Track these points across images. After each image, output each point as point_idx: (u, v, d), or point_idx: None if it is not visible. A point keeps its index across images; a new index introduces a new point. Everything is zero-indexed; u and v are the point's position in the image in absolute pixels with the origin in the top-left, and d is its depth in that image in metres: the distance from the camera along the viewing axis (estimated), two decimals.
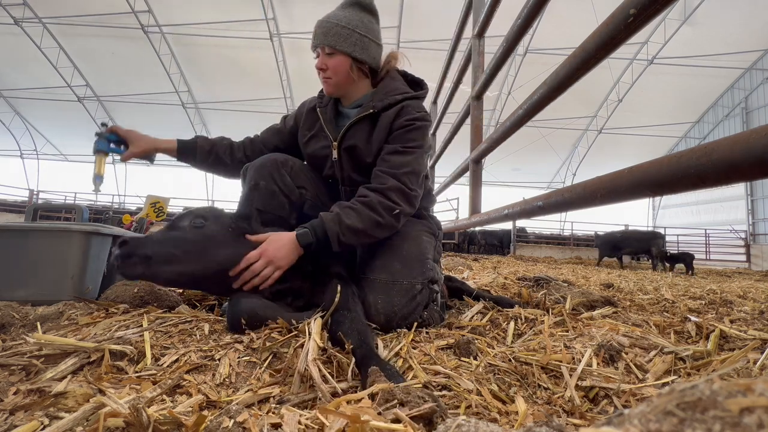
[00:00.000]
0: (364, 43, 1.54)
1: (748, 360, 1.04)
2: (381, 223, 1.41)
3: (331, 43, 1.50)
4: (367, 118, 1.55)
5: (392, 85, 1.60)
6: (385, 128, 1.53)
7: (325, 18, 1.53)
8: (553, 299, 1.84)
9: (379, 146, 1.54)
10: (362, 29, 1.53)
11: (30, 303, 1.26)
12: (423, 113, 1.56)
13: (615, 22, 0.82)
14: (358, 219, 1.37)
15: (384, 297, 1.34)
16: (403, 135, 1.51)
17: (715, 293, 2.77)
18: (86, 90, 19.69)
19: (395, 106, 1.54)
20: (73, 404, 0.69)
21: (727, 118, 18.84)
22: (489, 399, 0.83)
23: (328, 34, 1.50)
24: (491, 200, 19.74)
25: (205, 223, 1.28)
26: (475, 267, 5.33)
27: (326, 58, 1.53)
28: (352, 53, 1.52)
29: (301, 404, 0.77)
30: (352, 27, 1.51)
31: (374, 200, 1.40)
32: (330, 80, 1.56)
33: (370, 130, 1.56)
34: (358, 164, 1.60)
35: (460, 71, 2.79)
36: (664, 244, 10.86)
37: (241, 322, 1.08)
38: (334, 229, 1.34)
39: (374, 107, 1.53)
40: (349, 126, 1.56)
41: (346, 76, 1.56)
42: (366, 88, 1.64)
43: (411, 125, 1.51)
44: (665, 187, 0.67)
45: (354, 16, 1.53)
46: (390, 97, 1.55)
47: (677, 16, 15.09)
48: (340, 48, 1.51)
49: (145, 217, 1.98)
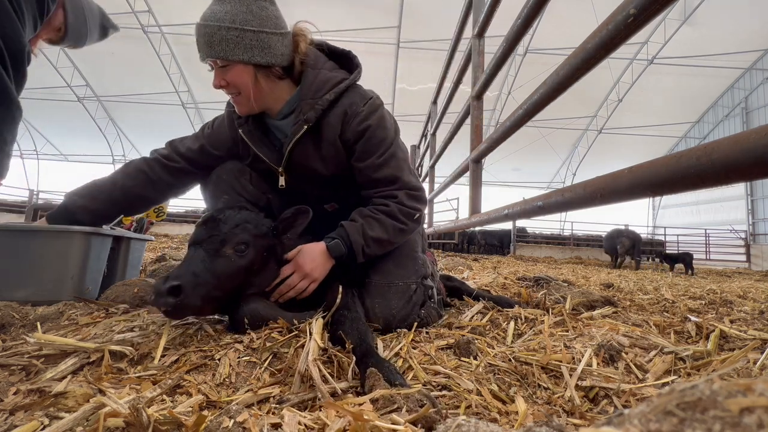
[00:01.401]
0: (262, 40, 1.21)
1: (748, 360, 1.04)
2: (404, 230, 1.38)
3: (220, 55, 1.18)
4: (306, 132, 1.31)
5: (317, 79, 1.30)
6: (333, 143, 1.32)
7: (203, 20, 1.18)
8: (553, 299, 1.84)
9: (336, 163, 1.36)
10: (254, 23, 1.19)
11: (30, 303, 1.27)
12: (369, 101, 1.32)
13: (615, 22, 0.82)
14: (383, 230, 1.31)
15: (381, 300, 1.33)
16: (368, 146, 1.31)
17: (715, 293, 2.77)
18: (86, 90, 19.69)
19: (333, 111, 1.30)
20: (73, 404, 0.69)
21: (727, 118, 18.84)
22: (489, 399, 0.83)
23: (212, 42, 1.17)
24: (491, 200, 19.78)
25: (246, 250, 1.15)
26: (475, 267, 5.32)
27: (222, 73, 1.23)
28: (250, 60, 1.20)
29: (301, 404, 0.77)
30: (240, 25, 1.17)
31: (394, 209, 1.34)
32: (239, 98, 1.28)
33: (316, 144, 1.34)
34: (316, 186, 1.45)
35: (460, 71, 2.79)
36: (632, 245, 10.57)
37: (243, 321, 1.08)
38: (359, 242, 1.28)
39: (307, 120, 1.28)
40: (291, 149, 1.34)
41: (257, 90, 1.26)
42: (287, 90, 1.34)
43: (367, 129, 1.30)
44: (665, 187, 0.67)
45: (238, 7, 1.18)
46: (320, 99, 1.28)
47: (677, 16, 15.09)
48: (234, 58, 1.19)
49: (145, 217, 1.98)
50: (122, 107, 20.83)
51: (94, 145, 23.09)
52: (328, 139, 1.32)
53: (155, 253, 3.60)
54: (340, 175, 1.41)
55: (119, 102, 20.42)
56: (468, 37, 2.47)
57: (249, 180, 1.45)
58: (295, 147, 1.34)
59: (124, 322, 1.12)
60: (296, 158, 1.37)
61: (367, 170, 1.34)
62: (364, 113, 1.30)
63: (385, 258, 1.42)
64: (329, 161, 1.36)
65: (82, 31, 1.51)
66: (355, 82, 1.36)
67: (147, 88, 19.24)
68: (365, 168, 1.34)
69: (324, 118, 1.31)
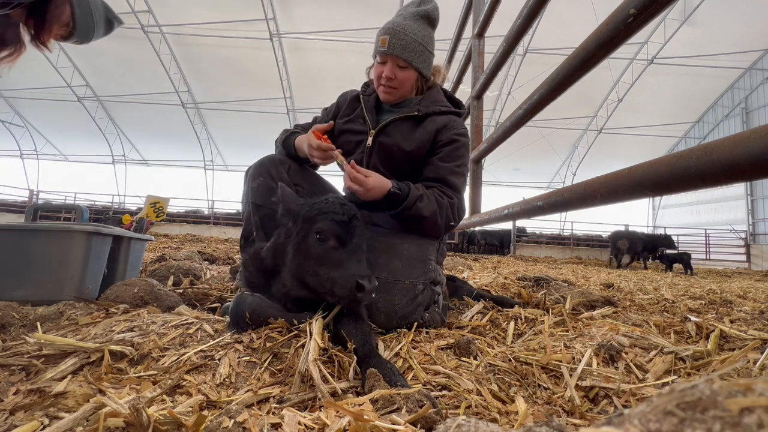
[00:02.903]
0: (430, 60, 1.64)
1: (748, 360, 1.04)
2: (436, 225, 1.53)
3: (408, 58, 1.55)
4: (410, 118, 1.62)
5: (437, 97, 1.69)
6: (430, 133, 1.60)
7: (401, 29, 1.56)
8: (553, 299, 1.84)
9: (418, 145, 1.61)
10: (430, 46, 1.62)
11: (30, 303, 1.26)
12: (465, 131, 1.68)
13: (615, 22, 0.82)
14: (428, 209, 1.50)
15: (384, 296, 1.34)
16: (453, 152, 1.60)
17: (715, 293, 2.77)
18: (86, 90, 19.69)
19: (441, 116, 1.63)
20: (73, 404, 0.69)
21: (727, 118, 18.83)
22: (489, 399, 0.83)
23: (407, 48, 1.55)
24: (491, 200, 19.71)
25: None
26: (475, 267, 5.32)
27: (397, 70, 1.58)
28: (422, 70, 1.61)
29: (301, 404, 0.77)
30: (425, 44, 1.59)
31: (445, 204, 1.54)
32: (394, 90, 1.62)
33: (412, 128, 1.63)
34: (388, 157, 1.65)
35: (460, 71, 2.79)
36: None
37: (245, 316, 1.09)
38: (415, 195, 1.48)
39: (419, 111, 1.61)
40: (391, 121, 1.64)
41: (410, 89, 1.66)
42: (413, 94, 1.72)
43: (458, 142, 1.60)
44: (665, 187, 0.67)
45: (425, 31, 1.60)
46: (435, 106, 1.64)
47: (677, 16, 15.08)
48: (415, 64, 1.57)
49: (145, 217, 1.98)
50: (122, 107, 20.83)
51: (94, 145, 23.08)
52: (426, 128, 1.61)
53: (155, 253, 3.60)
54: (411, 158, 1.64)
55: (119, 102, 20.41)
56: (468, 37, 2.47)
57: (286, 170, 1.64)
58: (396, 121, 1.64)
59: (124, 322, 1.12)
60: (389, 131, 1.65)
61: (443, 169, 1.59)
62: (460, 131, 1.63)
63: (395, 258, 1.47)
64: (414, 143, 1.62)
65: (90, 25, 1.52)
66: (459, 115, 1.72)
67: (147, 88, 19.24)
68: (442, 167, 1.59)
69: (430, 117, 1.63)
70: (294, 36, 16.27)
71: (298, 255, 1.19)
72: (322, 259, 1.14)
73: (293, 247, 1.21)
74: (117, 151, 23.76)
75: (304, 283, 1.18)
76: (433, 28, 1.66)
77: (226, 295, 1.70)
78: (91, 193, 21.34)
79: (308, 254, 1.17)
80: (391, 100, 1.68)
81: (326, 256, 1.14)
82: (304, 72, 18.01)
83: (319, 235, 1.16)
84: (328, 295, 1.13)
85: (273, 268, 1.28)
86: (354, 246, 1.17)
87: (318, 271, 1.14)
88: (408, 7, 1.66)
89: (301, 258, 1.18)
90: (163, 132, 22.25)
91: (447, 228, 1.58)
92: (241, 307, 1.12)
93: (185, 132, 21.10)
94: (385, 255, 1.48)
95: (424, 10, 1.62)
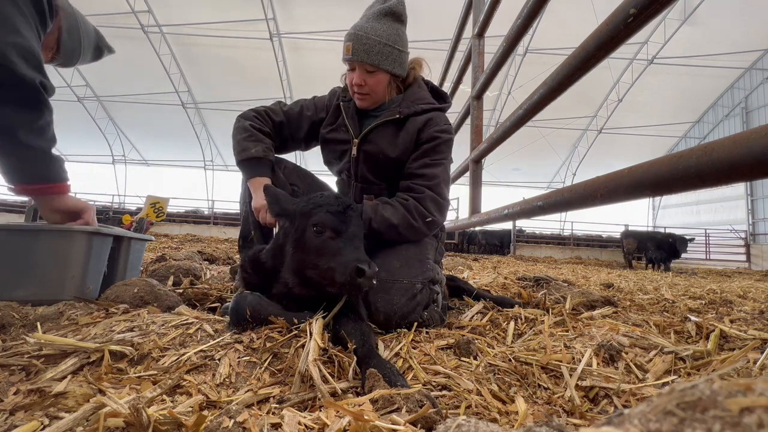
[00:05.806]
0: (401, 58, 1.57)
1: (748, 360, 1.04)
2: (414, 226, 1.49)
3: (374, 62, 1.50)
4: (392, 122, 1.58)
5: (419, 94, 1.63)
6: (411, 134, 1.57)
7: (362, 32, 1.50)
8: (553, 299, 1.84)
9: (403, 149, 1.57)
10: (400, 44, 1.54)
11: (30, 303, 1.26)
12: (448, 126, 1.62)
13: (615, 22, 0.82)
14: (393, 214, 1.46)
15: (383, 295, 1.34)
16: (432, 149, 1.56)
17: (715, 293, 2.77)
18: (86, 90, 19.68)
19: (422, 115, 1.58)
20: (73, 404, 0.69)
21: (727, 118, 18.83)
22: (489, 399, 0.83)
23: (371, 52, 1.49)
24: (491, 200, 19.74)
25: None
26: (475, 267, 5.32)
27: (366, 76, 1.54)
28: (392, 70, 1.55)
29: (301, 404, 0.77)
30: (392, 43, 1.52)
31: (411, 204, 1.49)
32: (367, 97, 1.59)
33: (395, 133, 1.59)
34: (375, 165, 1.64)
35: (460, 71, 2.79)
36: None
37: (245, 314, 1.09)
38: (368, 214, 1.45)
39: (400, 113, 1.57)
40: (373, 127, 1.59)
41: (383, 93, 1.60)
42: (394, 94, 1.66)
43: (438, 138, 1.56)
44: (665, 187, 0.67)
45: (391, 30, 1.53)
46: (416, 105, 1.59)
47: (677, 16, 15.08)
48: (384, 66, 1.52)
49: (145, 217, 1.98)
50: (122, 107, 20.82)
51: (94, 145, 23.07)
52: (408, 130, 1.58)
53: (155, 253, 3.60)
54: (399, 163, 1.61)
55: (119, 102, 20.41)
56: (468, 37, 2.47)
57: (282, 170, 1.66)
58: (378, 127, 1.60)
59: (124, 322, 1.12)
60: (372, 138, 1.62)
61: (415, 163, 1.56)
62: (441, 128, 1.58)
63: (393, 258, 1.47)
64: (398, 148, 1.59)
65: (76, 52, 1.53)
66: (443, 109, 1.66)
67: (147, 88, 19.23)
68: (415, 160, 1.56)
69: (412, 117, 1.58)
70: (294, 36, 16.28)
71: (298, 251, 1.19)
72: (321, 250, 1.15)
73: (292, 244, 1.21)
74: (117, 151, 23.76)
75: (306, 278, 1.18)
76: (401, 23, 1.57)
77: (226, 295, 1.70)
78: (91, 193, 21.37)
79: (307, 248, 1.17)
80: (367, 106, 1.63)
81: (324, 247, 1.15)
82: (304, 72, 18.02)
83: (316, 227, 1.16)
84: (330, 286, 1.13)
85: (273, 269, 1.29)
86: (351, 235, 1.18)
87: (318, 263, 1.14)
88: (372, 6, 1.59)
89: (301, 253, 1.18)
90: (163, 132, 22.24)
91: (431, 224, 1.53)
92: (241, 305, 1.12)
93: (185, 132, 21.10)
94: (384, 254, 1.48)
95: (386, 8, 1.54)
